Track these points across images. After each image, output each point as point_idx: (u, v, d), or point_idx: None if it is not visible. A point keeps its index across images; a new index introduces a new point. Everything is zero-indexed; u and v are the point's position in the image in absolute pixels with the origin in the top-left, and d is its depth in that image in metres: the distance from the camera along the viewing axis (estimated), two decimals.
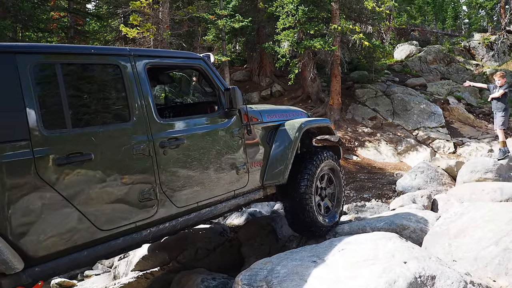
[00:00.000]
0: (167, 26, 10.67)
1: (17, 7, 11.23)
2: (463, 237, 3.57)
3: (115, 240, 2.81)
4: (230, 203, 3.70)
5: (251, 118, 3.97)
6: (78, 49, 3.05)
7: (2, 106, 2.37)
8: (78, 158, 2.61)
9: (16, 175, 2.36)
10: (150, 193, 2.99)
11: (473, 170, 7.02)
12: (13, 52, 2.49)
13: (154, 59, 3.35)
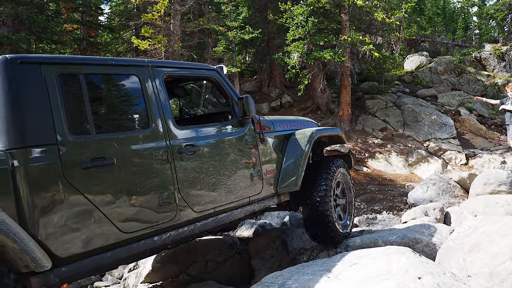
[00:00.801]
0: (178, 38, 10.78)
1: (31, 19, 11.44)
2: (478, 251, 3.49)
3: (137, 243, 2.89)
4: (245, 209, 3.79)
5: (263, 127, 4.08)
6: (99, 60, 3.24)
7: (31, 113, 2.50)
8: (101, 162, 2.71)
9: (44, 178, 2.47)
10: (169, 198, 3.09)
11: (486, 182, 6.91)
12: (38, 63, 2.63)
13: (171, 70, 3.52)
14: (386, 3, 14.47)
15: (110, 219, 2.73)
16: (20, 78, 2.52)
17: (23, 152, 2.42)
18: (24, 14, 11.17)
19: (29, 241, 2.31)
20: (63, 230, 2.52)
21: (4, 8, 11.55)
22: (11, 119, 2.44)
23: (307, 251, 4.77)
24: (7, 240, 2.20)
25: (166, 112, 3.22)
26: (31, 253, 2.29)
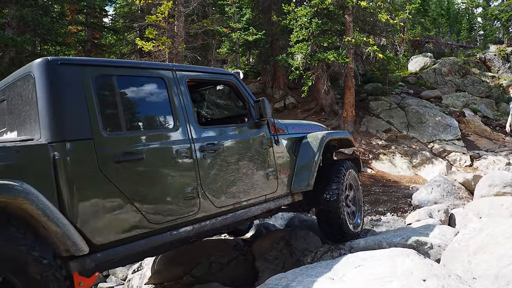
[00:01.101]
0: (182, 39, 10.80)
1: (36, 21, 11.50)
2: (483, 254, 3.48)
3: (164, 233, 3.06)
4: (262, 206, 4.00)
5: (278, 129, 4.33)
6: (130, 63, 3.53)
7: (70, 110, 2.72)
8: (132, 157, 2.93)
9: (81, 169, 2.67)
10: (193, 192, 3.29)
11: (491, 184, 6.87)
12: (76, 65, 2.87)
13: (192, 73, 3.77)
14: (390, 4, 14.44)
15: (140, 210, 2.91)
16: (60, 78, 2.74)
17: (63, 145, 2.62)
18: (29, 16, 11.22)
19: (69, 226, 2.50)
20: (98, 218, 2.70)
21: (9, 10, 11.61)
22: (52, 115, 2.64)
23: (311, 252, 4.76)
24: (51, 224, 2.39)
25: (189, 113, 3.45)
26: (72, 237, 2.47)
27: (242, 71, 4.43)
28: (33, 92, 2.73)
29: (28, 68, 2.84)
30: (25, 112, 2.83)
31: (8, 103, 3.08)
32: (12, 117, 3.01)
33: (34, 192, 2.36)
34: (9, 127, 3.02)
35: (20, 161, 2.44)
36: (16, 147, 2.45)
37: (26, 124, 2.80)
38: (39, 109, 2.67)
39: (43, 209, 2.37)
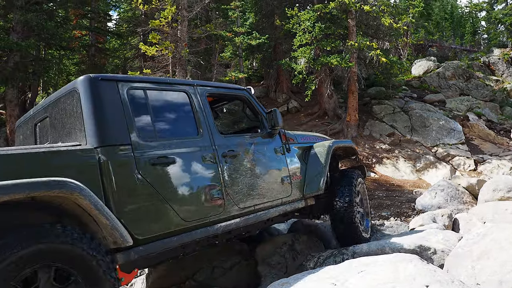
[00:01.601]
0: (185, 44, 10.84)
1: (41, 26, 11.56)
2: (487, 259, 3.45)
3: (195, 231, 3.38)
4: (279, 208, 4.36)
5: (288, 138, 4.71)
6: (158, 79, 3.97)
7: (111, 119, 3.10)
8: (165, 161, 3.29)
9: (122, 170, 3.01)
10: (218, 194, 3.64)
11: (495, 188, 6.83)
12: (114, 80, 3.27)
13: (211, 89, 4.18)
14: (393, 8, 14.46)
15: (174, 209, 3.24)
16: (101, 92, 3.12)
17: (107, 149, 2.98)
18: (34, 20, 11.29)
19: (116, 219, 2.77)
20: (138, 215, 3.02)
21: (14, 15, 11.70)
22: (96, 123, 3.02)
23: (313, 257, 4.74)
24: (102, 217, 2.67)
25: (210, 123, 3.85)
26: (119, 229, 2.75)
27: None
28: (78, 105, 3.09)
29: (72, 85, 3.22)
30: (70, 124, 3.19)
31: (51, 119, 3.44)
32: (55, 131, 3.37)
33: (86, 189, 2.64)
34: (53, 140, 3.35)
35: (71, 163, 2.78)
36: (67, 151, 2.83)
37: (71, 134, 3.15)
38: (84, 119, 3.04)
39: (95, 203, 2.65)
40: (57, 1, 13.60)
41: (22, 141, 3.92)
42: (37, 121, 3.69)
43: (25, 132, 3.85)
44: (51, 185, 2.46)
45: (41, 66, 12.88)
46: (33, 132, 3.70)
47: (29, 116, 3.83)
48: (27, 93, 16.10)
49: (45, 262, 2.40)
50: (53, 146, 2.86)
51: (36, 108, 3.78)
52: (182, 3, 10.85)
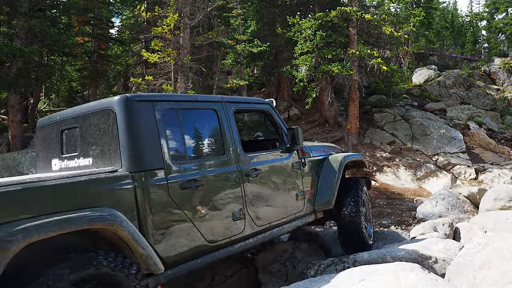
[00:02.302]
0: (187, 51, 10.88)
1: (44, 32, 11.64)
2: (488, 269, 3.44)
3: (218, 251, 3.42)
4: (292, 224, 4.42)
5: (305, 153, 4.71)
6: (191, 97, 3.94)
7: (147, 142, 3.06)
8: (195, 184, 3.26)
9: (155, 195, 3.00)
10: (240, 214, 3.66)
11: (496, 197, 6.83)
12: (150, 101, 3.21)
13: (237, 104, 4.16)
14: (394, 17, 14.54)
15: (200, 231, 3.25)
16: (138, 115, 3.07)
17: (142, 175, 2.96)
18: (37, 27, 11.37)
19: (150, 248, 2.82)
20: (169, 239, 3.03)
21: (18, 21, 11.77)
22: (133, 148, 3.00)
23: (314, 265, 4.73)
24: (138, 247, 2.72)
25: (237, 141, 3.83)
26: (153, 258, 2.81)
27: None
28: (114, 126, 3.05)
29: (108, 103, 3.15)
30: (104, 142, 3.14)
31: (81, 131, 3.38)
32: (86, 144, 3.33)
33: (125, 219, 2.68)
34: (83, 153, 3.35)
35: (109, 191, 2.79)
36: (106, 178, 2.82)
37: (105, 153, 3.13)
38: (121, 142, 3.00)
39: (133, 234, 2.69)
40: (60, 7, 13.71)
41: (45, 144, 3.86)
42: (64, 128, 3.63)
43: (49, 136, 3.78)
44: (95, 219, 2.54)
45: (43, 72, 12.95)
46: (60, 138, 3.65)
47: (55, 120, 3.76)
48: (29, 99, 16.17)
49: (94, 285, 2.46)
50: (93, 173, 2.83)
51: (64, 114, 3.71)
52: (185, 11, 10.92)
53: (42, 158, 3.85)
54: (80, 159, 3.37)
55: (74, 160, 3.43)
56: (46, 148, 3.81)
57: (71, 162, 3.46)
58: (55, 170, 3.63)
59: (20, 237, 2.18)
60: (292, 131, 4.42)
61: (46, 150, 3.80)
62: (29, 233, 2.21)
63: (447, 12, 40.33)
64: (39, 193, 2.46)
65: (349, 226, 5.01)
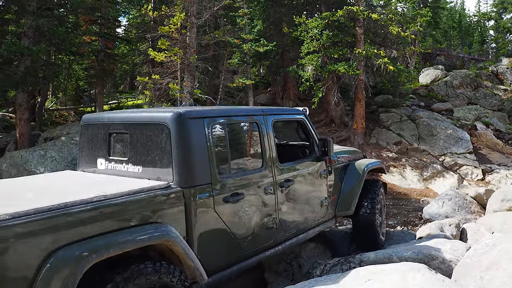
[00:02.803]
0: (194, 50, 10.91)
1: (51, 31, 11.70)
2: (496, 270, 3.43)
3: (251, 258, 3.63)
4: (315, 229, 4.62)
5: (332, 160, 4.85)
6: (235, 111, 3.99)
7: (198, 158, 3.19)
8: (237, 197, 3.44)
9: (203, 210, 3.18)
10: (272, 222, 3.84)
11: (503, 198, 6.79)
12: (201, 117, 3.32)
13: (276, 115, 4.29)
14: (401, 16, 14.46)
15: (237, 240, 3.46)
16: (190, 131, 3.19)
17: (192, 190, 3.12)
18: (45, 26, 11.43)
19: (197, 260, 3.01)
20: (211, 250, 3.23)
21: (26, 20, 11.85)
22: (186, 165, 3.13)
23: (320, 265, 4.73)
24: (188, 260, 2.93)
25: (274, 153, 3.94)
26: (200, 269, 3.01)
27: (306, 109, 5.07)
28: (167, 141, 3.18)
29: (162, 119, 3.26)
30: (156, 154, 3.28)
31: (131, 138, 3.52)
32: (136, 152, 3.47)
33: (178, 235, 2.89)
34: (132, 160, 3.50)
35: (163, 205, 2.97)
36: (162, 194, 2.98)
37: (156, 165, 3.28)
38: (174, 158, 3.13)
39: (184, 249, 2.91)
40: (68, 7, 13.78)
41: (90, 142, 3.96)
42: (112, 132, 3.74)
43: (95, 136, 3.90)
44: (155, 237, 2.77)
45: (51, 71, 13.01)
46: (107, 140, 3.76)
47: (103, 122, 3.86)
48: (36, 97, 16.26)
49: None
50: (151, 189, 2.98)
51: (113, 117, 3.83)
52: (191, 10, 10.94)
53: (87, 155, 4.01)
54: (129, 165, 3.52)
55: (123, 164, 3.58)
56: (92, 146, 3.94)
57: (120, 166, 3.61)
58: (101, 169, 3.80)
59: (93, 256, 2.41)
60: (323, 142, 4.58)
61: (91, 148, 3.94)
62: (100, 253, 2.45)
63: (454, 11, 40.06)
64: (107, 211, 2.65)
65: (365, 227, 5.21)
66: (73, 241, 2.41)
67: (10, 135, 13.99)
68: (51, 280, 2.26)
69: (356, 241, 5.57)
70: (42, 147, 11.73)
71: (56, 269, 2.28)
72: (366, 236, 5.32)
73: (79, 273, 2.34)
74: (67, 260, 2.31)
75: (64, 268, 2.30)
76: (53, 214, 2.39)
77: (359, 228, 5.35)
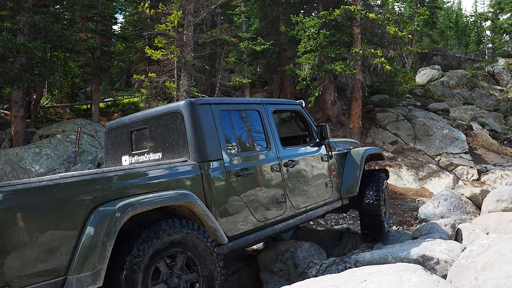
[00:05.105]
0: (191, 48, 10.87)
1: (47, 28, 11.62)
2: (491, 271, 3.43)
3: (265, 229, 4.09)
4: (323, 208, 5.09)
5: (331, 147, 5.35)
6: (238, 100, 4.72)
7: (209, 138, 3.73)
8: (246, 172, 3.95)
9: (217, 181, 3.69)
10: (282, 198, 4.32)
11: (499, 199, 6.80)
12: (209, 104, 3.90)
13: (275, 105, 4.80)
14: (398, 16, 14.49)
15: (251, 211, 3.94)
16: (201, 115, 3.75)
17: (206, 164, 3.65)
18: (41, 22, 11.35)
19: (217, 222, 3.49)
20: (228, 217, 3.72)
21: (21, 17, 11.77)
22: (198, 142, 3.68)
23: (315, 265, 4.73)
24: (209, 221, 3.38)
25: (275, 136, 4.49)
26: (219, 230, 3.47)
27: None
28: (181, 125, 3.75)
29: (176, 107, 3.84)
30: (172, 139, 3.84)
31: (150, 130, 4.07)
32: (155, 141, 4.02)
33: (197, 198, 3.34)
34: (152, 149, 4.05)
35: (184, 176, 3.49)
36: (181, 166, 3.53)
37: (173, 148, 3.83)
38: (188, 138, 3.69)
39: (204, 211, 3.35)
40: (64, 3, 13.69)
41: (114, 144, 4.53)
42: (133, 130, 4.29)
43: (118, 136, 4.46)
44: (179, 197, 3.23)
45: (46, 68, 12.93)
46: (129, 138, 4.33)
47: (125, 123, 4.42)
48: (32, 94, 16.16)
49: (182, 247, 3.13)
50: (172, 162, 3.57)
51: (133, 117, 4.36)
52: (188, 8, 10.90)
53: (112, 155, 4.56)
54: (150, 154, 4.07)
55: (144, 155, 4.13)
56: (116, 147, 4.49)
57: (142, 157, 4.15)
58: (125, 164, 4.30)
59: (129, 209, 2.88)
60: (320, 128, 5.08)
61: (116, 149, 4.49)
62: (134, 207, 2.91)
63: (451, 11, 40.17)
64: (137, 176, 3.20)
65: (372, 215, 5.65)
66: (111, 199, 2.93)
67: (5, 133, 13.91)
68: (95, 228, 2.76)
69: (362, 230, 5.95)
70: (37, 144, 11.66)
71: (99, 220, 2.78)
72: (372, 224, 5.72)
73: (118, 224, 2.80)
74: (108, 212, 2.81)
75: (105, 219, 2.78)
76: (93, 176, 2.94)
77: (365, 216, 5.74)
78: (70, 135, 12.24)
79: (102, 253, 2.71)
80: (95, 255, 2.69)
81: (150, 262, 2.93)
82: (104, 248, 2.72)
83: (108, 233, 2.75)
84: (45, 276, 2.57)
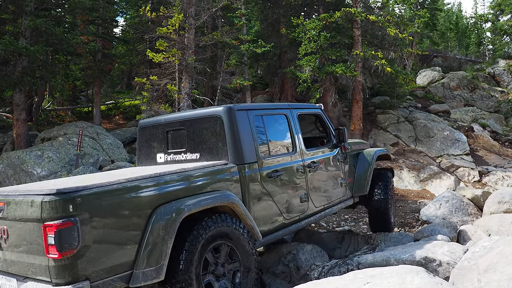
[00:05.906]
0: (192, 51, 10.90)
1: (49, 31, 11.66)
2: (493, 272, 3.44)
3: (291, 226, 4.48)
4: (338, 206, 5.47)
5: (346, 148, 5.69)
6: (269, 105, 5.18)
7: (246, 142, 4.01)
8: (277, 174, 4.26)
9: (253, 182, 4.02)
10: (305, 197, 4.67)
11: (500, 200, 6.80)
12: (246, 110, 4.19)
13: (300, 109, 5.09)
14: (398, 18, 14.50)
15: (280, 210, 4.28)
16: (239, 120, 4.02)
17: (244, 166, 3.96)
18: (43, 26, 11.39)
19: (254, 221, 3.82)
20: (261, 215, 4.06)
21: (23, 20, 11.82)
22: (237, 146, 3.95)
23: (318, 267, 4.73)
24: (248, 220, 3.73)
25: (300, 139, 4.78)
26: (256, 228, 3.82)
27: (322, 105, 5.88)
28: (221, 129, 4.02)
29: (216, 112, 4.10)
30: (211, 141, 4.12)
31: (188, 131, 4.33)
32: (193, 142, 4.28)
33: (238, 199, 3.69)
34: (190, 149, 4.32)
35: (224, 177, 3.80)
36: (223, 169, 3.83)
37: (212, 150, 4.11)
38: (228, 141, 3.97)
39: (244, 210, 3.70)
40: (65, 7, 13.74)
41: (148, 141, 4.76)
42: (169, 129, 4.53)
43: (154, 135, 4.69)
44: (225, 198, 3.60)
45: (48, 71, 12.95)
46: (165, 137, 4.56)
47: (160, 122, 4.63)
48: (33, 97, 16.19)
49: (226, 240, 3.48)
50: (215, 165, 3.84)
51: (169, 118, 4.60)
52: (190, 11, 10.94)
53: (146, 152, 4.80)
54: (188, 154, 4.34)
55: (181, 154, 4.39)
56: (150, 144, 4.73)
57: (178, 156, 4.41)
58: (161, 162, 4.60)
59: (185, 209, 3.21)
60: (339, 131, 5.45)
61: (150, 146, 4.72)
62: (189, 208, 3.25)
63: (451, 13, 40.21)
64: (188, 179, 3.51)
65: (380, 211, 6.01)
66: (169, 200, 3.26)
67: (7, 135, 13.93)
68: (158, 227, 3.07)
69: (370, 225, 6.37)
70: (39, 147, 11.69)
71: (160, 219, 3.09)
72: (380, 220, 6.10)
73: (177, 223, 3.12)
74: (168, 213, 3.13)
75: (166, 219, 3.10)
76: (153, 179, 3.23)
77: (374, 212, 6.11)
78: (71, 138, 12.26)
79: (164, 249, 3.03)
80: (158, 251, 3.01)
81: (201, 254, 3.26)
82: (166, 245, 3.04)
83: (168, 231, 3.07)
84: (116, 270, 2.88)
